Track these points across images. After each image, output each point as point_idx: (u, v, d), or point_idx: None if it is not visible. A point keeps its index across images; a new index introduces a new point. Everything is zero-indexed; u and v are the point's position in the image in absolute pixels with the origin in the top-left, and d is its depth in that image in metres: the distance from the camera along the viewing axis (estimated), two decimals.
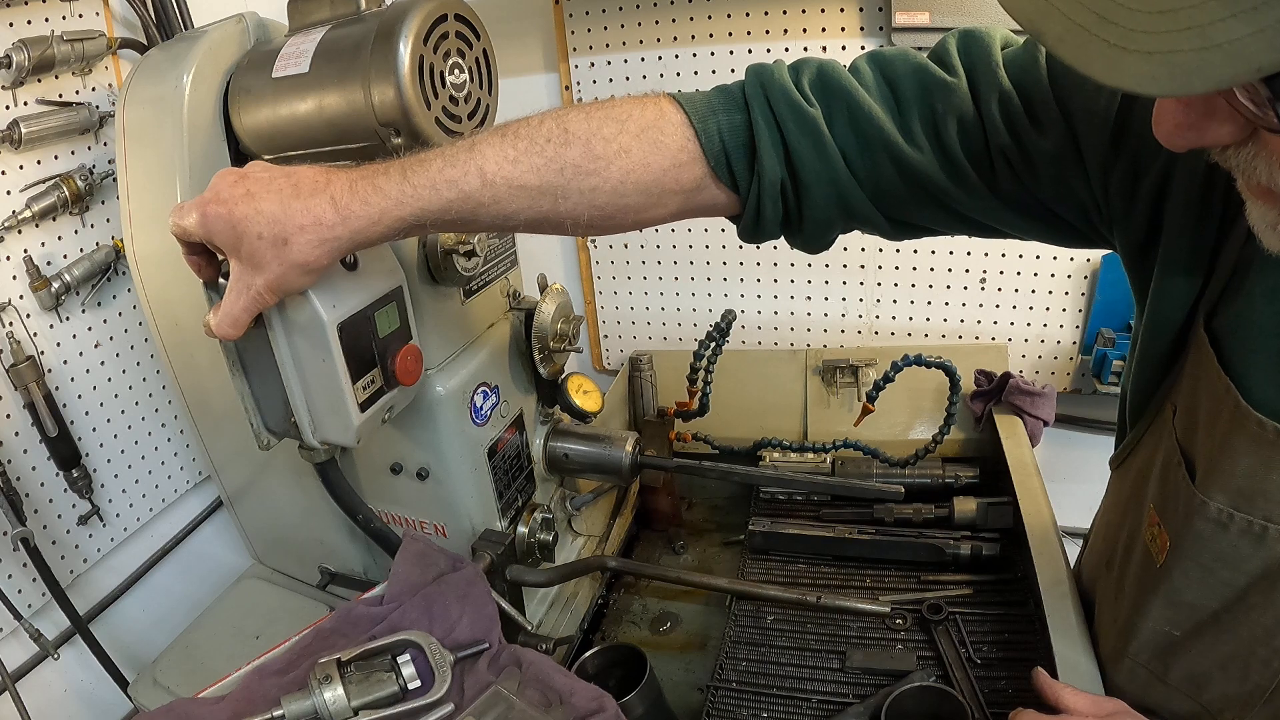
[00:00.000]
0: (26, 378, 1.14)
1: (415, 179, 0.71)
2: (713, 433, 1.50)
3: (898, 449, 1.38)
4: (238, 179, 0.72)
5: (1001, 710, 0.92)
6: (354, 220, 0.70)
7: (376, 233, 0.72)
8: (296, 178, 0.72)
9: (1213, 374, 0.64)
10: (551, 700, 0.82)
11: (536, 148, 0.71)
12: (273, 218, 0.69)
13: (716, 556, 1.43)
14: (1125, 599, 0.81)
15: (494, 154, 0.71)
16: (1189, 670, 0.76)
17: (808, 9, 1.52)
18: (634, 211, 0.76)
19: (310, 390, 0.83)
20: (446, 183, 0.71)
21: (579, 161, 0.72)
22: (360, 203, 0.70)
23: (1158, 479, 0.74)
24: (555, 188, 0.72)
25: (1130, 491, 0.82)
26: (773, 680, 1.06)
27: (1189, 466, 0.68)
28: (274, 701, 0.79)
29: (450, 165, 0.71)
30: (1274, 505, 0.63)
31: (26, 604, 1.17)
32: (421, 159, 0.72)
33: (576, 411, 1.21)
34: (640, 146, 0.73)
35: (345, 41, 0.92)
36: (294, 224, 0.69)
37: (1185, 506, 0.68)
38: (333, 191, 0.70)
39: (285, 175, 0.72)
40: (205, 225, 0.71)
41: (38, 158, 1.16)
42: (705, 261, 1.79)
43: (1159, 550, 0.73)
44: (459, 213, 0.72)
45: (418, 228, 0.73)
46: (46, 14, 1.14)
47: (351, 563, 1.23)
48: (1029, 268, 1.60)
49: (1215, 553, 0.68)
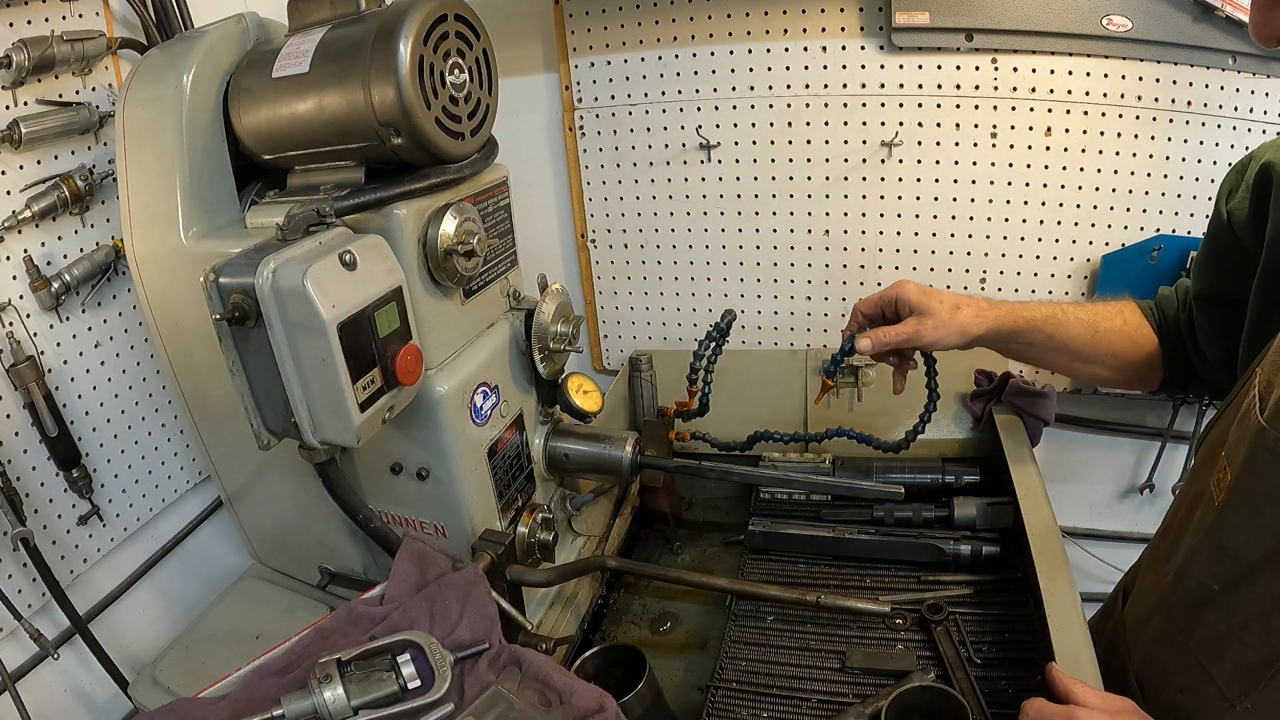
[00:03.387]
0: (26, 378, 1.14)
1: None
2: (713, 432, 1.50)
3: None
4: None
5: (1001, 710, 0.92)
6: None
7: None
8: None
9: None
10: (551, 700, 0.82)
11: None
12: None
13: (716, 556, 1.43)
14: (1178, 554, 0.86)
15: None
16: (1212, 631, 0.79)
17: (808, 9, 1.52)
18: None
19: (310, 390, 0.83)
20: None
21: None
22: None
23: (1236, 428, 0.78)
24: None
25: (1206, 457, 0.87)
26: (773, 680, 1.06)
27: (1263, 406, 0.73)
28: (274, 701, 0.79)
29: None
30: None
31: (26, 604, 1.17)
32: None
33: (576, 411, 1.21)
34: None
35: (345, 41, 0.92)
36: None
37: (1251, 440, 0.73)
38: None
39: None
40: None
41: (38, 158, 1.16)
42: (705, 261, 1.79)
43: (1220, 489, 0.78)
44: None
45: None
46: (46, 14, 1.14)
47: (351, 563, 1.23)
48: (1029, 268, 1.60)
49: (1266, 489, 0.71)
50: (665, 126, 1.70)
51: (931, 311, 1.08)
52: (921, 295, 1.10)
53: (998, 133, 1.52)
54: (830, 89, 1.57)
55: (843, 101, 1.57)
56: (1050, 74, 1.46)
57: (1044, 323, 1.09)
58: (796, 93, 1.59)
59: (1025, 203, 1.56)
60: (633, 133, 1.72)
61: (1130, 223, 1.54)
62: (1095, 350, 1.11)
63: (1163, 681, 0.88)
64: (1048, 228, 1.57)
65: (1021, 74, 1.48)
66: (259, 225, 1.01)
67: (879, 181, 1.62)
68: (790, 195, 1.68)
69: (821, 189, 1.65)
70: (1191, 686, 0.82)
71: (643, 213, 1.79)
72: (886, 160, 1.59)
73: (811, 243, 1.71)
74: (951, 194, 1.59)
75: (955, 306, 1.09)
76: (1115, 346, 1.11)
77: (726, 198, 1.72)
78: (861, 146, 1.60)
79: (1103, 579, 1.71)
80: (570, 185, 1.82)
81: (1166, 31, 1.38)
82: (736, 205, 1.72)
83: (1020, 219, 1.57)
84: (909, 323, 1.10)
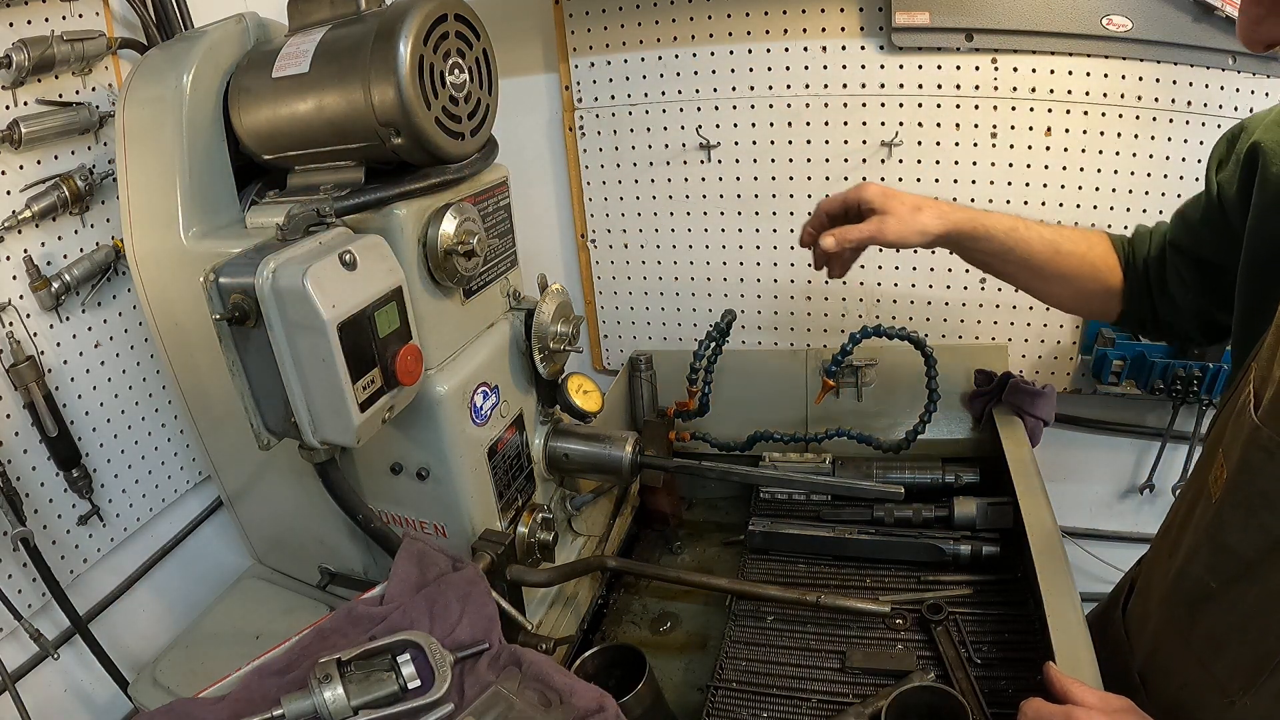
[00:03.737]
0: (26, 378, 1.14)
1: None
2: (713, 432, 1.50)
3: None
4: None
5: (1001, 710, 0.92)
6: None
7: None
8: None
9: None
10: (551, 700, 0.82)
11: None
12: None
13: (716, 556, 1.43)
14: (1179, 551, 0.86)
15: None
16: (1212, 628, 0.80)
17: (808, 9, 1.52)
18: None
19: (310, 390, 0.83)
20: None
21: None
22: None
23: (1232, 425, 0.79)
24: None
25: (1208, 454, 0.88)
26: (773, 680, 1.06)
27: (1257, 403, 0.74)
28: (274, 701, 0.79)
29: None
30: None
31: (26, 604, 1.17)
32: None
33: (576, 411, 1.21)
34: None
35: (345, 41, 0.92)
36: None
37: (1245, 438, 0.74)
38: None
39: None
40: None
41: (38, 158, 1.16)
42: (705, 261, 1.79)
43: (1217, 487, 0.78)
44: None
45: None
46: (46, 14, 1.14)
47: (351, 563, 1.23)
48: None
49: (1261, 489, 0.72)
50: (665, 126, 1.70)
51: (893, 211, 1.10)
52: (883, 196, 1.12)
53: (998, 133, 1.52)
54: (830, 89, 1.57)
55: (843, 101, 1.57)
56: (1050, 74, 1.46)
57: (1005, 234, 1.11)
58: (796, 93, 1.59)
59: (1025, 203, 1.56)
60: (633, 133, 1.72)
61: (1130, 222, 1.53)
62: (1055, 270, 1.12)
63: (1165, 677, 0.88)
64: None
65: (1021, 74, 1.48)
66: (259, 225, 1.01)
67: (879, 181, 1.61)
68: (790, 195, 1.68)
69: (821, 189, 1.65)
70: (1192, 683, 0.82)
71: (643, 213, 1.79)
72: (886, 160, 1.59)
73: None
74: (951, 194, 1.59)
75: (917, 208, 1.10)
76: (1076, 270, 1.12)
77: (726, 198, 1.72)
78: (861, 146, 1.60)
79: (1103, 579, 1.71)
80: (570, 185, 1.82)
81: (1166, 31, 1.38)
82: (736, 205, 1.72)
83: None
84: (871, 221, 1.11)
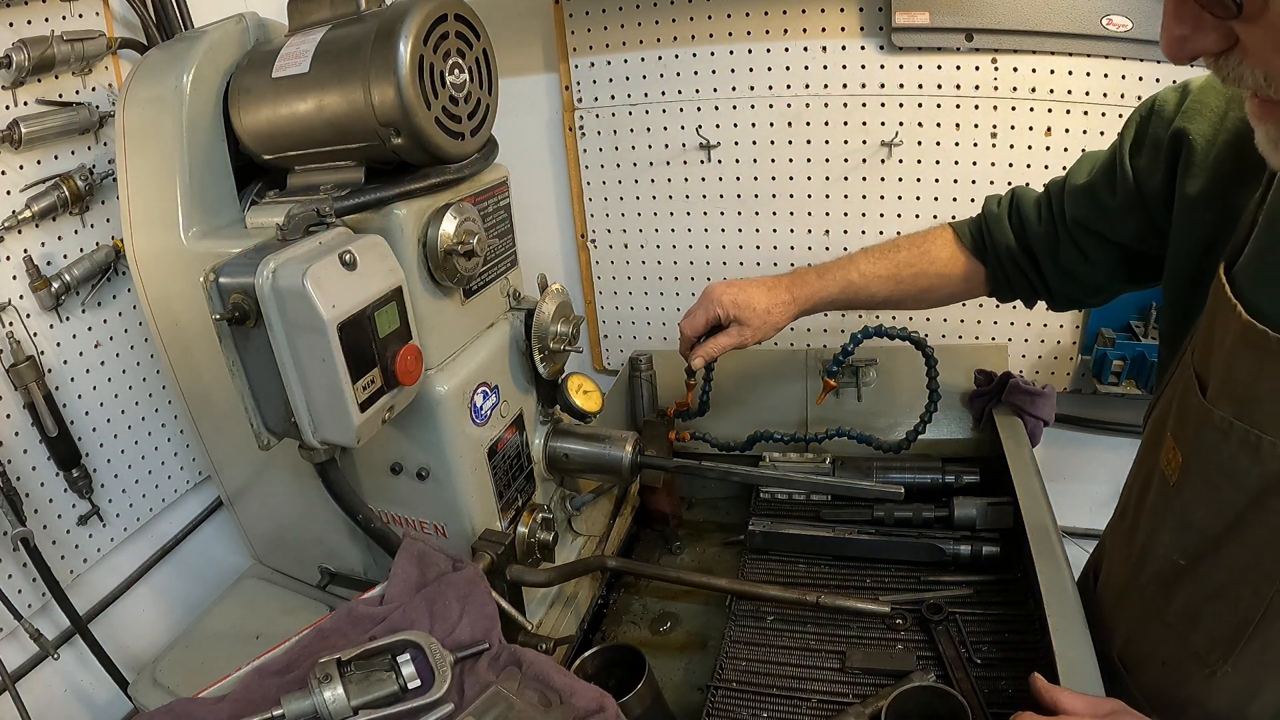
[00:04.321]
0: (26, 378, 1.14)
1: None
2: (713, 432, 1.50)
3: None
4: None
5: (1001, 710, 0.92)
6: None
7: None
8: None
9: (1226, 303, 0.73)
10: (551, 700, 0.82)
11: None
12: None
13: (716, 556, 1.43)
14: (1140, 533, 0.89)
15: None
16: (1186, 603, 0.82)
17: (808, 9, 1.52)
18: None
19: (310, 390, 0.83)
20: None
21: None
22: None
23: (1177, 409, 0.82)
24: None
25: (1152, 438, 0.89)
26: (773, 680, 1.06)
27: (1202, 386, 0.77)
28: (274, 701, 0.79)
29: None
30: (1266, 415, 0.70)
31: (26, 604, 1.17)
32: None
33: (576, 411, 1.21)
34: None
35: (345, 41, 0.92)
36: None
37: (1196, 420, 0.76)
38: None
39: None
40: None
41: (38, 158, 1.16)
42: (705, 262, 1.79)
43: (1173, 471, 0.81)
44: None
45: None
46: (46, 14, 1.14)
47: (351, 563, 1.23)
48: None
49: (1219, 464, 0.74)
50: (665, 126, 1.70)
51: (748, 321, 1.21)
52: (735, 307, 1.21)
53: (998, 133, 1.53)
54: (830, 89, 1.57)
55: (843, 101, 1.57)
56: (1050, 74, 1.46)
57: (841, 294, 1.22)
58: (796, 93, 1.59)
59: None
60: (633, 133, 1.72)
61: None
62: (903, 295, 1.21)
63: (1145, 658, 0.89)
64: None
65: (1021, 74, 1.48)
66: (259, 225, 1.01)
67: (879, 181, 1.62)
68: (790, 195, 1.68)
69: (821, 189, 1.65)
70: (1173, 659, 0.84)
71: (643, 213, 1.79)
72: (886, 160, 1.60)
73: (811, 243, 1.71)
74: (951, 194, 1.59)
75: (767, 310, 1.21)
76: (922, 285, 1.20)
77: (726, 198, 1.72)
78: (861, 146, 1.60)
79: None
80: (570, 185, 1.83)
81: None
82: (736, 205, 1.72)
83: None
84: (732, 332, 1.23)
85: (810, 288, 1.22)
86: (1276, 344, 0.67)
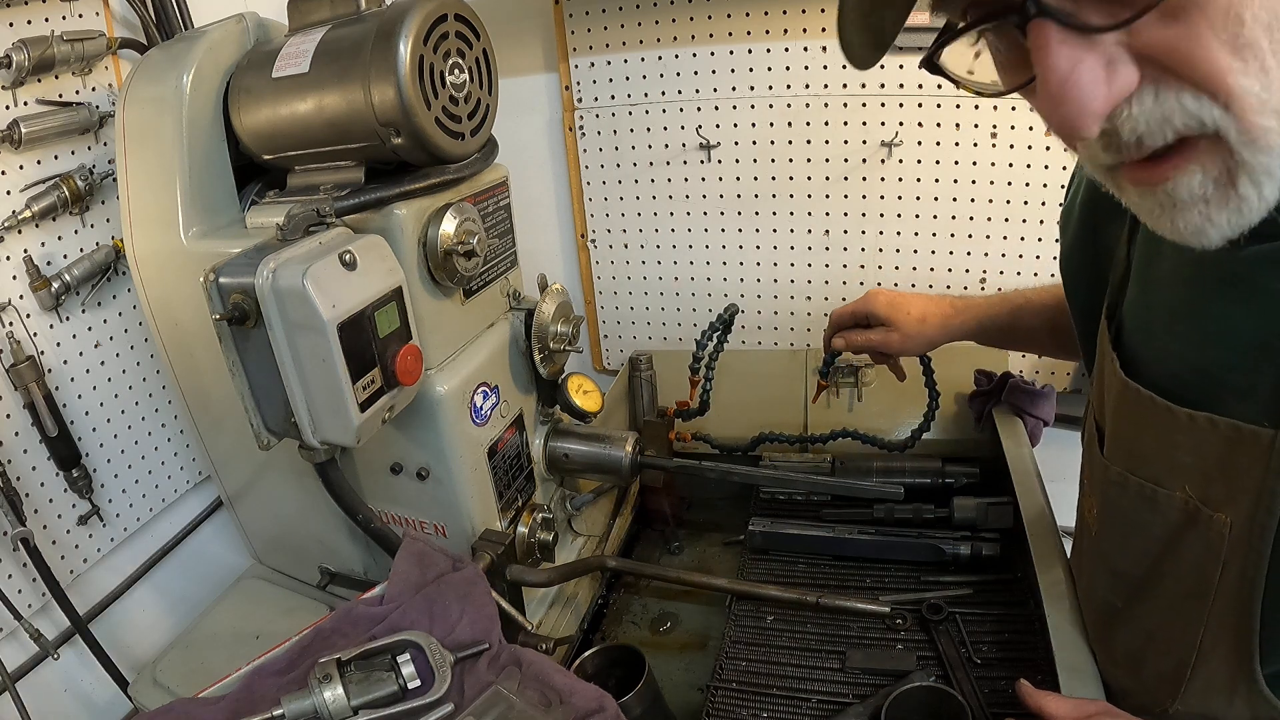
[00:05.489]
0: (26, 378, 1.14)
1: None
2: (713, 432, 1.50)
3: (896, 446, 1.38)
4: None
5: (1001, 710, 0.92)
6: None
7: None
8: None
9: (1107, 353, 0.73)
10: (551, 700, 0.82)
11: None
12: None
13: (716, 556, 1.43)
14: (1083, 575, 0.89)
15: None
16: (1128, 645, 0.81)
17: (808, 9, 1.52)
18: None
19: (310, 390, 0.83)
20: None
21: None
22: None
23: (1086, 459, 0.81)
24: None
25: (1082, 484, 0.89)
26: (773, 680, 1.06)
27: (1101, 437, 0.77)
28: (274, 701, 0.79)
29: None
30: (1155, 468, 0.69)
31: (26, 604, 1.17)
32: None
33: (576, 411, 1.21)
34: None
35: (345, 41, 0.92)
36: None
37: (1100, 473, 0.76)
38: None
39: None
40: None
41: (38, 158, 1.16)
42: (705, 261, 1.79)
43: (1093, 520, 0.81)
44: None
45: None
46: (46, 14, 1.14)
47: (351, 563, 1.23)
48: (1029, 268, 1.60)
49: (1124, 517, 0.74)
50: (665, 126, 1.70)
51: (899, 324, 1.19)
52: (890, 309, 1.19)
53: (998, 133, 1.52)
54: (830, 89, 1.57)
55: (843, 101, 1.57)
56: None
57: (1004, 329, 1.17)
58: (796, 93, 1.59)
59: (1025, 203, 1.56)
60: (633, 133, 1.72)
61: None
62: (1055, 342, 1.16)
63: (1111, 691, 0.87)
64: (1048, 228, 1.56)
65: None
66: (259, 225, 1.01)
67: (879, 181, 1.61)
68: (790, 195, 1.68)
69: (821, 189, 1.65)
70: (1131, 693, 0.83)
71: (643, 213, 1.79)
72: (886, 160, 1.59)
73: (811, 243, 1.70)
74: (951, 194, 1.59)
75: (922, 319, 1.18)
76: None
77: (726, 198, 1.72)
78: (861, 146, 1.60)
79: None
80: (570, 185, 1.82)
81: None
82: (736, 205, 1.72)
83: (1020, 219, 1.57)
84: (879, 330, 1.21)
85: (974, 311, 1.18)
86: (1149, 402, 0.66)
